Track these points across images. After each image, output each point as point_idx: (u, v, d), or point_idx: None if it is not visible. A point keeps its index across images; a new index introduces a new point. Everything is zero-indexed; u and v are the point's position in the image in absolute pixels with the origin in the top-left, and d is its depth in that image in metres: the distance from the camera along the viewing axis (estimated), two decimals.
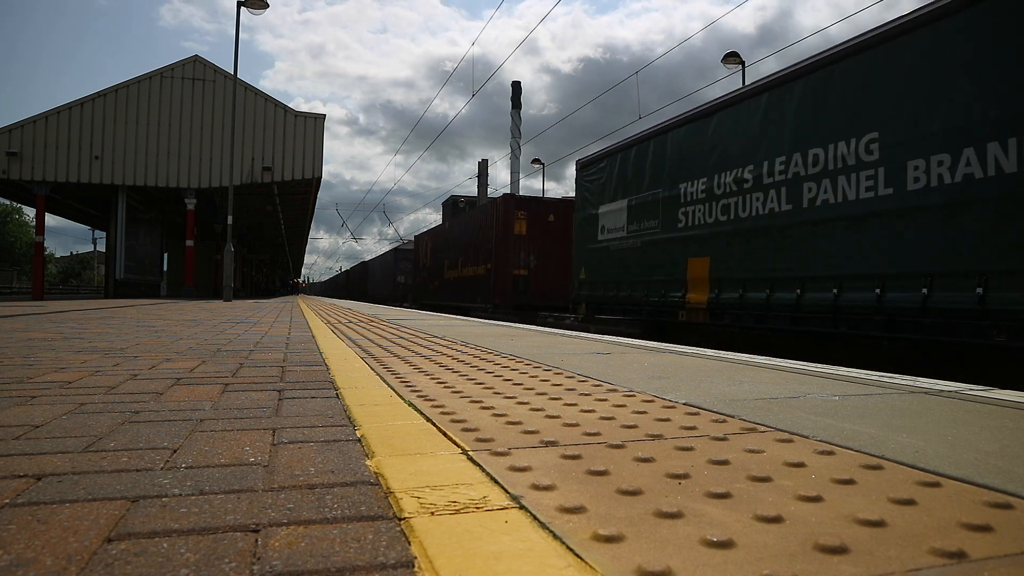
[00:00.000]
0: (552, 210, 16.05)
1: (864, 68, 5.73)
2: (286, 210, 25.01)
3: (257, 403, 1.73)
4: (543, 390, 2.00)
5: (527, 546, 0.77)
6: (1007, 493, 0.99)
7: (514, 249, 15.71)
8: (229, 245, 15.14)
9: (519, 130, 48.28)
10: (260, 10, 15.03)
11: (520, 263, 15.75)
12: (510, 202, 16.18)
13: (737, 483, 1.03)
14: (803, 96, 6.40)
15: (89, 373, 2.28)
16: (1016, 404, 1.82)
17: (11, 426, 1.40)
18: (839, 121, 5.88)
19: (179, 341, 3.72)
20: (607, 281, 10.26)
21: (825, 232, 5.95)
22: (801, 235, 6.26)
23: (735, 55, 16.19)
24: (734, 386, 2.14)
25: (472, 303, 18.05)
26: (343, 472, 1.08)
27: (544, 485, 1.00)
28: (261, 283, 52.51)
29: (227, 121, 17.04)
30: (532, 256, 15.82)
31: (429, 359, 2.91)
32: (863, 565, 0.72)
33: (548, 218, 15.88)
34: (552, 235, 15.64)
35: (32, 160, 17.08)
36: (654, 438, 1.35)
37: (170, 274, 24.69)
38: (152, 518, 0.85)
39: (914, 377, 2.41)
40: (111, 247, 19.98)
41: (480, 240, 17.58)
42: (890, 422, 1.54)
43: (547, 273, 15.65)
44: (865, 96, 5.67)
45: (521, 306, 15.52)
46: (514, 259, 15.70)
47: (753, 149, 7.03)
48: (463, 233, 19.87)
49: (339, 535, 0.80)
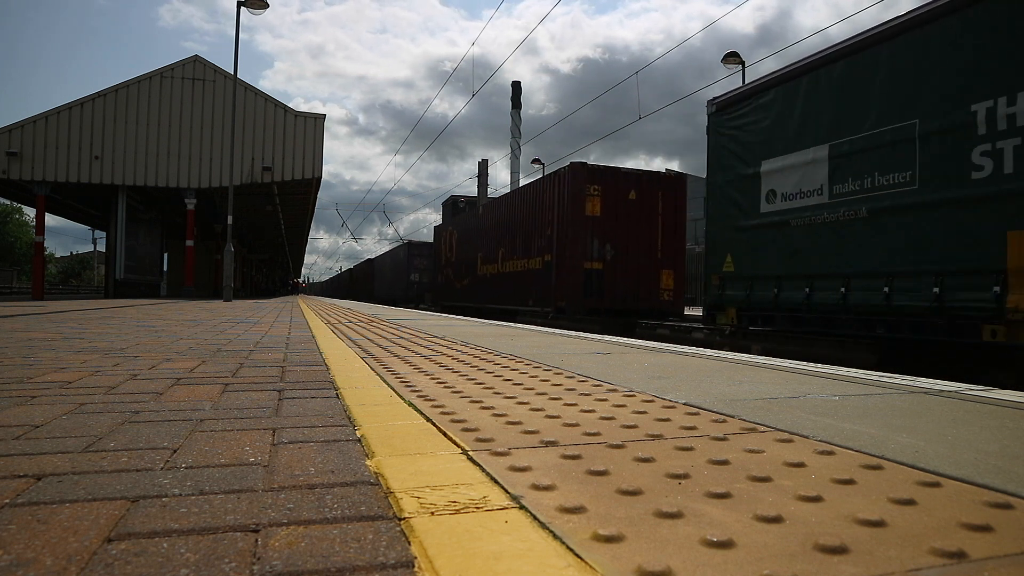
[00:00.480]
0: (633, 185, 12.22)
1: None
2: (286, 210, 25.01)
3: (257, 403, 1.72)
4: (543, 390, 2.00)
5: (527, 546, 0.77)
6: (1007, 493, 0.99)
7: (584, 235, 11.90)
8: (229, 245, 15.14)
9: (519, 130, 48.29)
10: (260, 10, 15.03)
11: (593, 254, 11.93)
12: (581, 173, 11.97)
13: (737, 483, 1.03)
14: None
15: (89, 373, 2.28)
16: (1016, 404, 1.82)
17: (11, 426, 1.40)
18: None
19: (179, 341, 3.72)
20: (781, 275, 6.88)
21: None
22: None
23: (735, 55, 16.19)
24: (734, 386, 2.14)
25: (520, 305, 14.39)
26: (343, 472, 1.08)
27: (544, 485, 1.00)
28: (261, 283, 52.51)
29: (227, 121, 17.05)
30: (608, 245, 11.99)
31: (429, 359, 2.91)
32: (863, 565, 0.72)
33: (628, 195, 12.13)
34: (634, 217, 12.10)
35: (32, 160, 17.08)
36: (654, 438, 1.35)
37: (170, 274, 24.69)
38: (152, 518, 0.85)
39: (914, 377, 2.41)
40: (111, 247, 19.98)
41: (534, 224, 13.80)
42: (890, 422, 1.54)
43: (627, 268, 12.09)
44: None
45: (597, 310, 11.87)
46: (584, 248, 11.88)
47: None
48: (507, 217, 15.70)
49: (339, 535, 0.80)
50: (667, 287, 12.43)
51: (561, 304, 12.33)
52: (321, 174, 19.00)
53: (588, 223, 11.93)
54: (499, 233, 16.18)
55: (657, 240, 12.43)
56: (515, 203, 15.42)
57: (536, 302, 13.52)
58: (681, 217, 12.72)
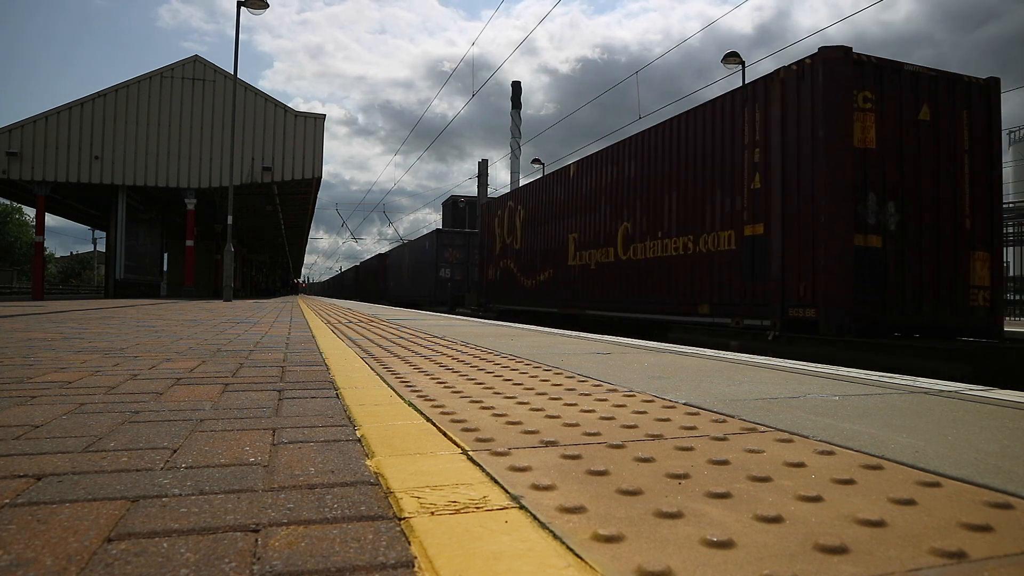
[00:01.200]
0: (925, 96, 6.96)
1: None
2: (286, 210, 25.01)
3: (257, 403, 1.72)
4: (543, 390, 2.00)
5: (527, 546, 0.77)
6: (1007, 493, 0.99)
7: (850, 183, 6.61)
8: (229, 245, 15.13)
9: (519, 130, 48.27)
10: (260, 10, 15.03)
11: (867, 219, 6.63)
12: (843, 69, 6.69)
13: (737, 483, 1.03)
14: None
15: (89, 373, 2.28)
16: (1016, 404, 1.82)
17: (11, 426, 1.40)
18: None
19: (179, 341, 3.72)
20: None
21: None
22: None
23: (735, 55, 16.19)
24: (734, 386, 2.14)
25: (682, 313, 8.76)
26: (343, 472, 1.07)
27: (544, 485, 1.00)
28: (261, 283, 52.45)
29: (227, 121, 17.04)
30: (892, 205, 6.74)
31: (429, 359, 2.91)
32: (863, 565, 0.72)
33: (919, 113, 6.93)
34: (927, 154, 6.92)
35: (32, 160, 17.07)
36: (654, 438, 1.35)
37: (170, 274, 24.69)
38: (152, 518, 0.85)
39: (914, 377, 2.40)
40: (111, 247, 19.97)
41: (714, 175, 8.28)
42: (890, 422, 1.54)
43: (922, 246, 6.85)
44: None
45: (877, 324, 6.63)
46: (849, 208, 6.59)
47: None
48: (642, 171, 9.97)
49: (339, 535, 0.80)
50: (980, 283, 7.08)
51: (804, 313, 6.76)
52: (321, 174, 18.99)
53: (856, 161, 6.60)
54: (618, 200, 10.66)
55: (964, 196, 7.03)
56: (662, 144, 9.47)
57: (724, 308, 7.94)
58: (996, 155, 7.29)
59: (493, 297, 17.23)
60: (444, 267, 24.26)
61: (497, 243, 17.07)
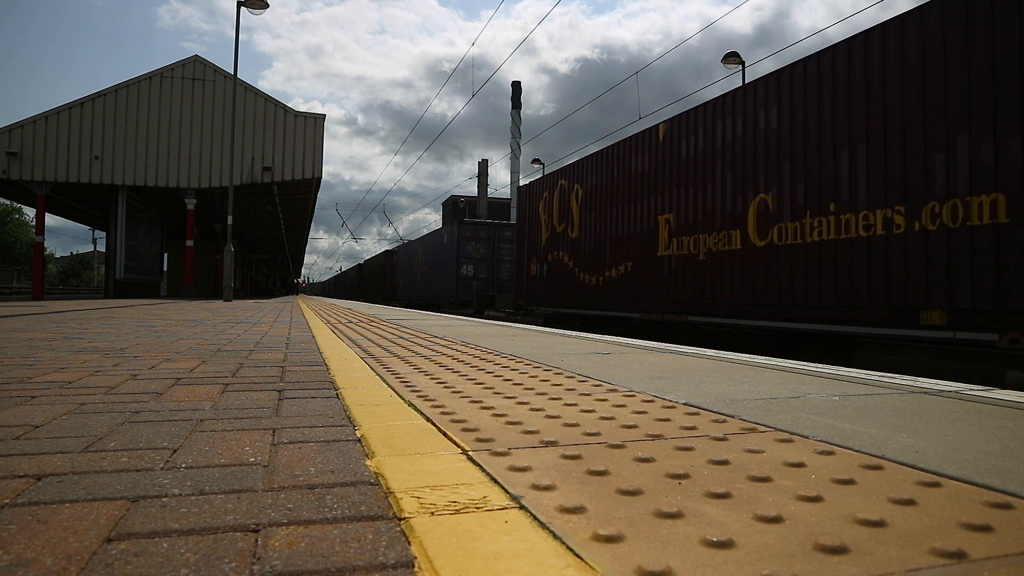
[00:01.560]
0: None
1: None
2: (286, 210, 25.02)
3: (257, 403, 1.72)
4: (543, 390, 2.00)
5: (527, 546, 0.77)
6: (1007, 493, 0.99)
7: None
8: (229, 245, 15.14)
9: (519, 130, 48.26)
10: (260, 10, 15.03)
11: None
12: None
13: (737, 483, 1.03)
14: None
15: (89, 373, 2.28)
16: (1016, 404, 1.82)
17: (11, 426, 1.40)
18: None
19: (179, 341, 3.72)
20: None
21: None
22: None
23: (735, 55, 16.18)
24: (734, 386, 2.14)
25: (897, 324, 5.76)
26: (343, 472, 1.07)
27: (544, 485, 1.00)
28: (261, 283, 52.44)
29: (227, 121, 17.06)
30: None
31: (429, 359, 2.91)
32: (863, 565, 0.72)
33: None
34: None
35: (32, 160, 17.08)
36: (654, 438, 1.35)
37: (170, 274, 24.69)
38: (152, 518, 0.85)
39: (914, 377, 2.40)
40: (111, 247, 19.98)
41: (970, 95, 5.26)
42: (890, 422, 1.54)
43: None
44: None
45: None
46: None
47: None
48: (809, 104, 6.85)
49: (339, 535, 0.80)
50: None
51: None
52: (321, 174, 19.00)
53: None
54: (745, 164, 7.85)
55: None
56: (832, 75, 6.61)
57: (979, 317, 5.23)
58: None
59: (537, 298, 14.11)
60: (466, 263, 20.98)
61: (543, 232, 13.90)
